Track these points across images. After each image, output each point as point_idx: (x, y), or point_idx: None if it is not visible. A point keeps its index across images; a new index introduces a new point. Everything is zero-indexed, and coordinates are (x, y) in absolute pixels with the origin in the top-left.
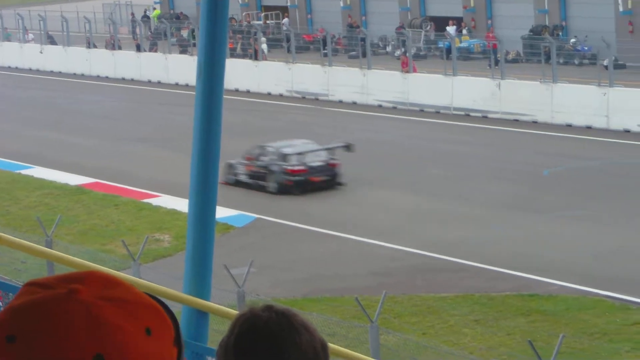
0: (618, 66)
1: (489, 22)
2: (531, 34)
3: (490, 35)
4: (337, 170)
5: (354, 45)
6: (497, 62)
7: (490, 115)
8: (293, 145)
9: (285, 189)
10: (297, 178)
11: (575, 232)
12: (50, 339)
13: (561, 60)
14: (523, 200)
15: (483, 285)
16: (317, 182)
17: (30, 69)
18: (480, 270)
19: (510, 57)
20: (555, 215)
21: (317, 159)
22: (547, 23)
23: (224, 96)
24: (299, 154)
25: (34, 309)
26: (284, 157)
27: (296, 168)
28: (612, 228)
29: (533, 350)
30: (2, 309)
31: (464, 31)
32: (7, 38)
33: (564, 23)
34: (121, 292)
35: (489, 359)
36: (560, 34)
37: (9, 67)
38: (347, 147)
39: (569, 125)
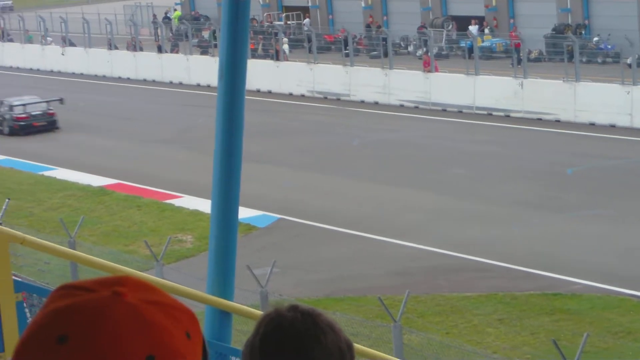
0: None
1: (511, 21)
2: (554, 32)
3: (513, 34)
4: (55, 118)
5: (375, 45)
6: (519, 61)
7: (512, 115)
8: (21, 99)
9: (14, 131)
10: (21, 123)
11: (599, 231)
12: (103, 340)
13: (584, 59)
14: (546, 199)
15: (506, 285)
16: (37, 126)
17: (52, 71)
18: (503, 270)
19: (532, 56)
20: (578, 214)
21: (38, 109)
22: (569, 22)
23: (247, 97)
24: (24, 105)
25: (82, 311)
26: (12, 107)
27: (21, 115)
28: (636, 227)
29: (557, 350)
30: (27, 310)
31: (486, 30)
32: (29, 40)
33: (586, 21)
34: (160, 296)
35: (513, 358)
36: (583, 32)
37: (31, 69)
38: (60, 101)
39: (593, 124)
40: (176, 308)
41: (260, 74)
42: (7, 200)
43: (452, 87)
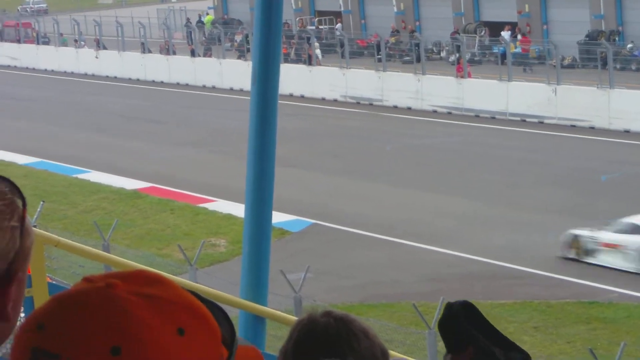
0: None
1: (544, 27)
2: (587, 39)
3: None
4: None
5: (408, 51)
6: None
7: (546, 121)
8: None
9: None
10: None
11: None
12: (73, 328)
13: (618, 66)
14: (580, 206)
15: (541, 293)
16: None
17: (86, 74)
18: (537, 277)
19: (566, 62)
20: (609, 222)
21: None
22: (603, 28)
23: (280, 101)
24: None
25: (68, 300)
26: None
27: None
28: None
29: (594, 359)
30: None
31: (519, 36)
32: (64, 43)
33: (620, 28)
34: (160, 290)
35: None
36: (617, 39)
37: (65, 72)
38: None
39: (627, 131)
40: (176, 303)
41: (293, 78)
42: (41, 202)
43: (485, 93)
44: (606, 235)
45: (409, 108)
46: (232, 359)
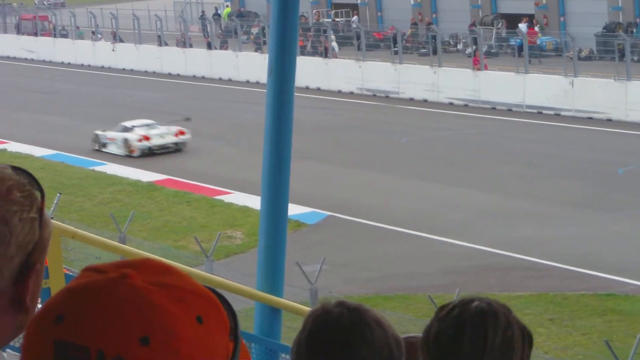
0: None
1: (562, 19)
2: (604, 31)
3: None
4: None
5: (425, 43)
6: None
7: (563, 113)
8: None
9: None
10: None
11: None
12: (97, 319)
13: (635, 58)
14: (597, 198)
15: (557, 285)
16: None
17: (103, 67)
18: (554, 269)
19: (583, 54)
20: (630, 214)
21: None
22: (620, 20)
23: (296, 94)
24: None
25: (84, 291)
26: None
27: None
28: None
29: (610, 350)
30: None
31: (536, 28)
32: (80, 36)
33: (637, 20)
34: (174, 279)
35: (564, 359)
36: (635, 31)
37: (82, 64)
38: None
39: None
40: (190, 291)
41: (310, 71)
42: (58, 194)
43: (502, 85)
44: (110, 134)
45: (425, 100)
46: (238, 350)
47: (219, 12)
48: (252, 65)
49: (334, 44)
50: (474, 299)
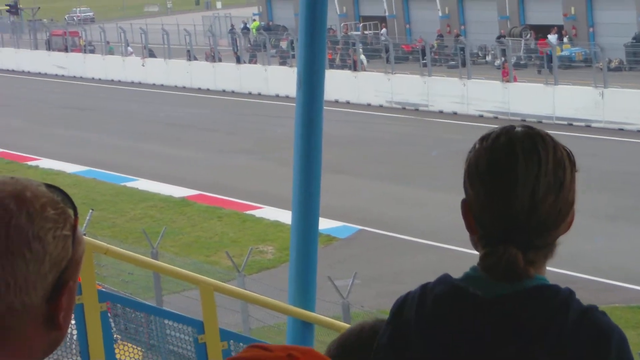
0: None
1: (591, 29)
2: (634, 41)
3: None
4: None
5: (453, 55)
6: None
7: (593, 125)
8: None
9: None
10: None
11: None
12: None
13: None
14: (629, 210)
15: (590, 297)
16: None
17: (133, 82)
18: (586, 282)
19: (613, 65)
20: None
21: None
22: None
23: (326, 107)
24: None
25: None
26: None
27: None
28: None
29: None
30: (111, 319)
31: (565, 39)
32: (110, 51)
33: None
34: None
35: None
36: None
37: (112, 80)
38: None
39: None
40: None
41: (338, 84)
42: (90, 210)
43: (531, 97)
44: None
45: (455, 113)
46: None
47: (247, 25)
48: (281, 79)
49: (363, 56)
50: (514, 125)
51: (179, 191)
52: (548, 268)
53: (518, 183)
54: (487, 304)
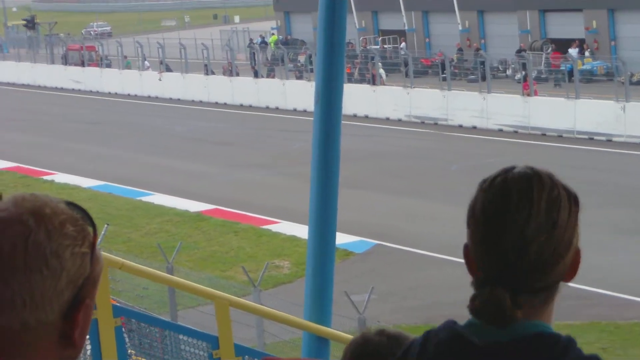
0: None
1: (612, 43)
2: None
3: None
4: None
5: (473, 69)
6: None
7: (614, 139)
8: None
9: None
10: None
11: None
12: None
13: None
14: None
15: (609, 313)
16: None
17: (149, 96)
18: (605, 298)
19: (635, 79)
20: None
21: None
22: None
23: (344, 122)
24: None
25: None
26: None
27: None
28: None
29: None
30: (125, 334)
31: (587, 53)
32: (127, 66)
33: None
34: None
35: None
36: None
37: (129, 94)
38: None
39: None
40: None
41: (357, 98)
42: (106, 225)
43: (552, 111)
44: None
45: (474, 127)
46: None
47: (265, 40)
48: (299, 93)
49: (381, 70)
50: (515, 166)
51: (195, 206)
52: (571, 284)
53: (508, 223)
54: (480, 352)
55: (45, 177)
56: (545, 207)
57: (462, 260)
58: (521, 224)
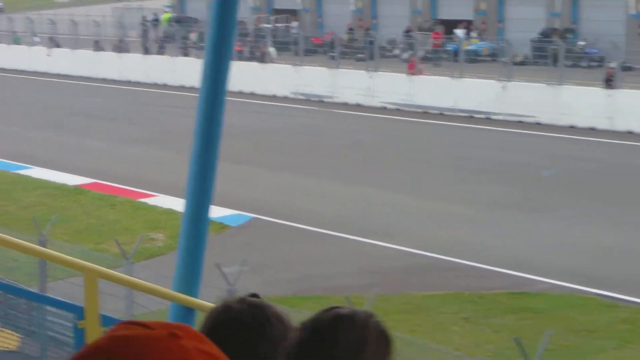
0: (626, 68)
1: (500, 25)
2: (541, 36)
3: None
4: None
5: (362, 49)
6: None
7: (493, 117)
8: None
9: None
10: None
11: (568, 232)
12: None
13: (569, 63)
14: (522, 200)
15: (475, 284)
16: None
17: (37, 72)
18: (474, 269)
19: (518, 59)
20: (550, 215)
21: None
22: (558, 26)
23: (230, 98)
24: None
25: (138, 342)
26: None
27: None
28: (605, 228)
29: (519, 347)
30: (23, 316)
31: (473, 34)
32: (16, 41)
33: (574, 26)
34: (213, 348)
35: (475, 356)
36: (571, 36)
37: (17, 69)
38: None
39: (572, 127)
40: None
41: (246, 75)
42: None
43: (436, 89)
44: None
45: (359, 105)
46: None
47: (158, 17)
48: (187, 70)
49: (272, 49)
50: (340, 306)
51: (74, 179)
52: (438, 256)
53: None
54: None
55: None
56: (350, 347)
57: (339, 234)
58: None
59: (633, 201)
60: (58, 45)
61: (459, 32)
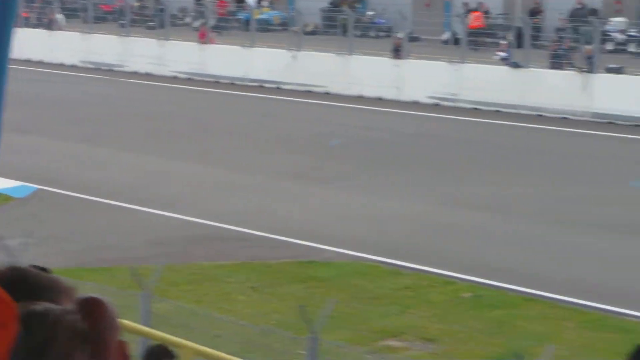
0: (413, 39)
1: None
2: (331, 6)
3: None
4: None
5: (153, 17)
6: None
7: (284, 87)
8: None
9: None
10: None
11: (354, 201)
12: None
13: (358, 33)
14: (309, 170)
15: (264, 254)
16: None
17: None
18: (263, 239)
19: (308, 29)
20: (337, 185)
21: None
22: None
23: (16, 66)
24: None
25: None
26: None
27: None
28: (391, 198)
29: (301, 315)
30: None
31: (264, 2)
32: None
33: None
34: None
35: (259, 325)
36: (359, 6)
37: None
38: None
39: (361, 97)
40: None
41: (33, 43)
42: None
43: (227, 59)
44: None
45: (149, 74)
46: None
47: None
48: None
49: (60, 15)
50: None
51: None
52: (227, 226)
53: None
54: None
55: None
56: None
57: (126, 205)
58: None
59: (419, 170)
60: None
61: (251, 1)
